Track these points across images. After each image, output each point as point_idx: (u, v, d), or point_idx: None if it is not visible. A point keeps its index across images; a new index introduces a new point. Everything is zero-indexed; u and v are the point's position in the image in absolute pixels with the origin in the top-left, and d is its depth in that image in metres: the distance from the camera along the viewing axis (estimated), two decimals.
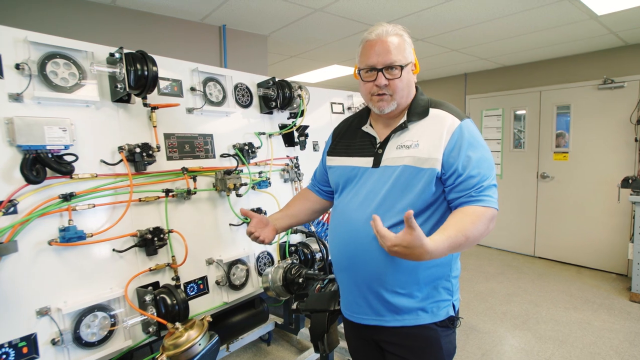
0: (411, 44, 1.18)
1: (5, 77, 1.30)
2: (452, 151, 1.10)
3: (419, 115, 1.18)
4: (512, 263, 4.61)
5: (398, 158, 1.15)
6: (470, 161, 1.08)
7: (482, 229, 1.04)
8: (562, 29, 3.35)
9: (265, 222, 1.39)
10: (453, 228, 1.00)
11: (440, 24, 3.20)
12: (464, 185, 1.08)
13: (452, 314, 1.19)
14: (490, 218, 1.06)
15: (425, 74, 5.43)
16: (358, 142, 1.28)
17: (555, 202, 4.61)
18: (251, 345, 2.74)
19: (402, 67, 1.13)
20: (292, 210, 1.49)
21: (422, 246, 0.91)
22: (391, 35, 1.13)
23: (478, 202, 1.06)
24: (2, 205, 1.25)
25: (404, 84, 1.15)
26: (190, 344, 1.32)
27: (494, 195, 1.09)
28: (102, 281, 1.48)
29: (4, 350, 1.23)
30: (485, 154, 1.12)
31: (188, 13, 2.91)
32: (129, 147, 1.56)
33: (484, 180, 1.08)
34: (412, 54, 1.18)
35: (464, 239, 0.99)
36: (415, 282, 1.15)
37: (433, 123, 1.15)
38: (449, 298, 1.20)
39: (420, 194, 1.11)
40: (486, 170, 1.09)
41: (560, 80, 4.46)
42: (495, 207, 1.08)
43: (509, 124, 4.98)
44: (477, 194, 1.07)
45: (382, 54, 1.12)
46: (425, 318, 1.16)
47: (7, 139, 1.28)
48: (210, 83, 1.98)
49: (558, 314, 3.24)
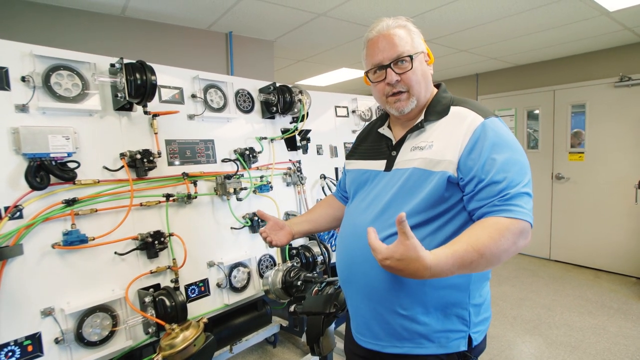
0: (419, 33, 1.08)
1: (12, 89, 1.37)
2: (471, 153, 0.94)
3: (438, 114, 1.05)
4: (527, 266, 4.51)
5: (410, 160, 1.03)
6: (495, 164, 0.91)
7: (506, 245, 0.85)
8: (572, 26, 3.27)
9: (281, 226, 1.33)
10: (464, 242, 0.83)
11: (446, 25, 3.18)
12: (485, 192, 0.91)
13: (463, 348, 1.00)
14: (519, 232, 0.87)
15: (435, 76, 5.35)
16: (376, 145, 1.19)
17: (570, 203, 4.48)
18: (257, 347, 2.78)
19: (411, 57, 1.02)
20: (313, 216, 1.42)
21: (419, 259, 0.77)
22: (393, 28, 1.03)
23: (503, 212, 0.88)
24: (9, 211, 1.32)
25: (419, 76, 1.05)
26: (185, 345, 1.36)
27: (525, 206, 0.89)
28: (104, 283, 1.54)
29: (10, 348, 1.30)
30: (514, 156, 0.94)
31: (195, 21, 2.99)
32: (130, 154, 1.62)
33: (513, 186, 0.90)
34: (421, 43, 1.07)
35: (476, 256, 0.82)
36: (420, 304, 0.98)
37: (452, 122, 1.01)
38: (464, 329, 1.01)
39: (429, 199, 0.96)
40: (516, 174, 0.91)
41: (574, 78, 4.35)
42: (526, 219, 0.88)
43: (522, 124, 4.88)
44: (501, 202, 0.89)
45: (387, 48, 1.02)
46: (430, 348, 0.99)
47: (14, 147, 1.35)
48: (212, 90, 2.03)
49: (572, 319, 3.15)
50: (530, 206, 0.91)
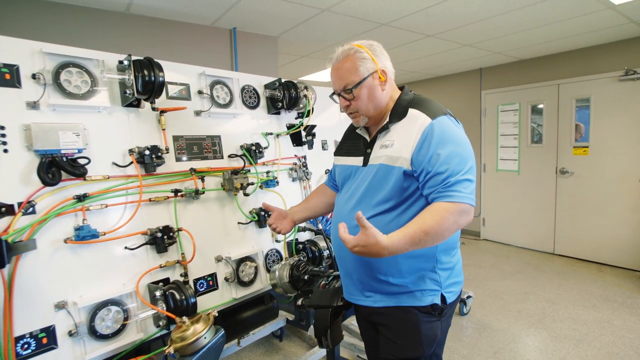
0: (367, 56, 1.22)
1: (23, 86, 1.39)
2: (420, 150, 1.15)
3: (399, 116, 1.25)
4: (531, 261, 4.52)
5: (378, 157, 1.25)
6: (439, 158, 1.12)
7: (448, 224, 1.07)
8: (578, 20, 3.26)
9: (284, 215, 1.58)
10: (413, 225, 1.06)
11: (449, 19, 3.17)
12: (432, 181, 1.13)
13: (437, 302, 1.24)
14: (459, 212, 1.09)
15: (438, 70, 5.37)
16: (355, 142, 1.40)
17: (575, 198, 4.48)
18: (263, 340, 2.81)
19: (351, 89, 1.22)
20: (310, 204, 1.65)
21: (378, 243, 0.99)
22: (341, 60, 1.23)
23: (445, 197, 1.09)
24: (22, 206, 1.34)
25: (364, 100, 1.24)
26: (195, 337, 1.38)
27: (464, 190, 1.10)
28: (115, 277, 1.56)
29: (25, 340, 1.33)
30: (456, 149, 1.14)
31: (199, 17, 2.99)
32: (138, 150, 1.64)
33: (453, 175, 1.10)
34: (369, 66, 1.22)
35: (423, 235, 1.04)
36: (397, 271, 1.23)
37: (408, 123, 1.21)
38: (437, 289, 1.25)
39: (392, 189, 1.19)
40: (456, 165, 1.12)
41: (579, 72, 4.33)
42: (463, 202, 1.09)
43: (526, 118, 4.87)
44: (444, 189, 1.10)
45: (335, 81, 1.26)
46: (407, 301, 1.24)
47: (26, 144, 1.37)
48: (218, 86, 2.04)
49: (576, 313, 3.16)
50: (469, 189, 1.12)
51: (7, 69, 1.36)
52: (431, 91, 5.88)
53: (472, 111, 5.45)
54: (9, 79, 1.36)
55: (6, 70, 1.36)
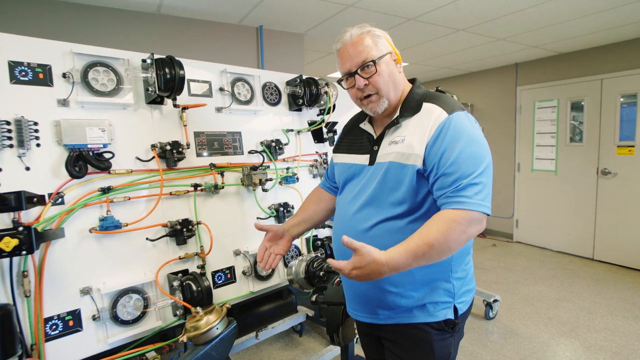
0: (383, 35, 1.14)
1: (55, 85, 1.48)
2: (433, 146, 1.04)
3: (411, 110, 1.13)
4: (567, 266, 4.28)
5: (387, 154, 1.12)
6: (451, 156, 1.00)
7: (455, 236, 0.95)
8: (621, 9, 3.04)
9: (280, 235, 1.36)
10: (416, 238, 0.95)
11: (480, 12, 3.05)
12: (440, 183, 1.02)
13: (450, 317, 1.13)
14: (468, 222, 0.97)
15: (470, 66, 5.18)
16: (359, 139, 1.27)
17: (618, 200, 4.19)
18: (283, 335, 2.84)
19: (374, 61, 1.10)
20: (307, 214, 1.44)
21: (374, 261, 0.89)
22: (355, 38, 1.11)
23: (454, 204, 0.98)
24: (52, 197, 1.43)
25: (386, 78, 1.12)
26: (208, 327, 1.42)
27: (474, 196, 0.98)
28: (136, 266, 1.64)
29: (54, 322, 1.42)
30: (471, 148, 1.02)
31: (226, 16, 3.06)
32: (160, 145, 1.70)
33: (465, 177, 0.98)
34: (386, 45, 1.13)
35: (427, 248, 0.93)
36: (410, 282, 1.10)
37: (423, 118, 1.10)
38: (450, 300, 1.13)
39: (407, 190, 1.07)
40: (469, 166, 1.00)
41: (624, 66, 4.04)
42: (474, 209, 0.97)
43: (564, 115, 4.61)
44: (453, 194, 0.99)
45: (352, 56, 1.11)
46: (420, 317, 1.12)
47: (56, 139, 1.46)
48: (239, 83, 2.08)
49: (614, 323, 2.96)
50: (483, 195, 0.99)
51: (40, 69, 1.46)
52: (463, 88, 5.69)
53: (506, 108, 5.22)
54: (42, 78, 1.46)
55: (40, 70, 1.46)
